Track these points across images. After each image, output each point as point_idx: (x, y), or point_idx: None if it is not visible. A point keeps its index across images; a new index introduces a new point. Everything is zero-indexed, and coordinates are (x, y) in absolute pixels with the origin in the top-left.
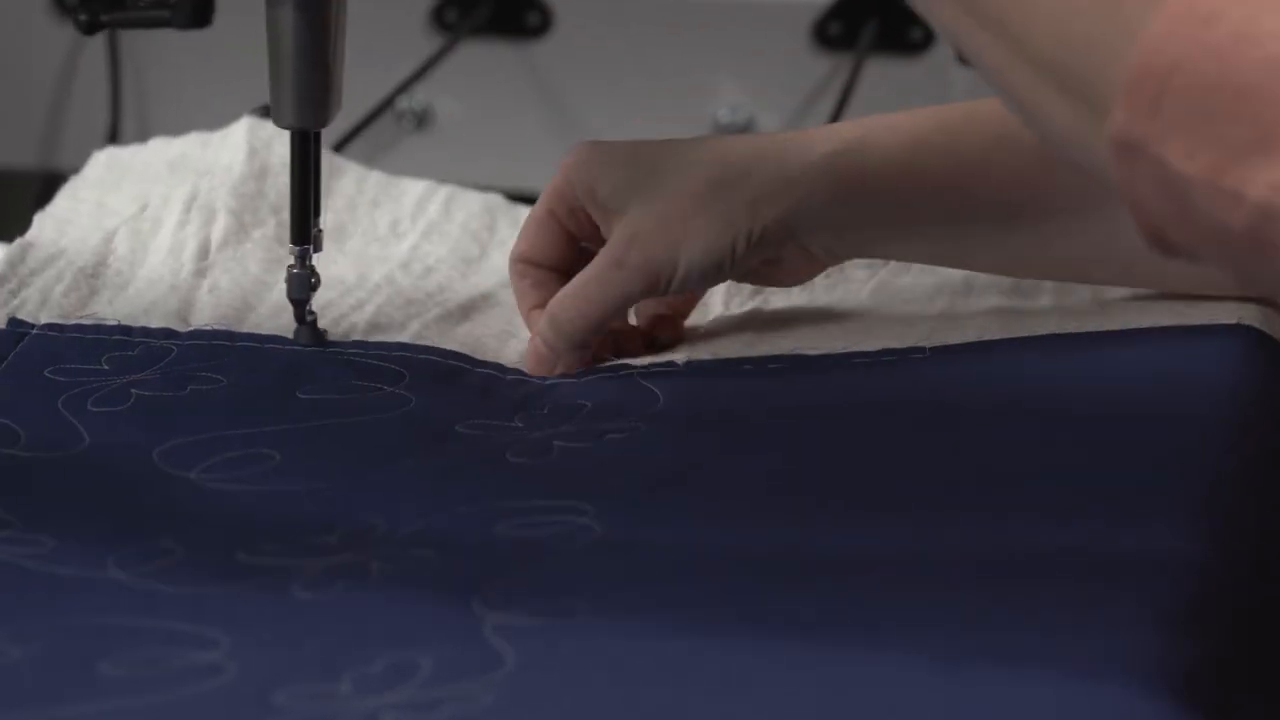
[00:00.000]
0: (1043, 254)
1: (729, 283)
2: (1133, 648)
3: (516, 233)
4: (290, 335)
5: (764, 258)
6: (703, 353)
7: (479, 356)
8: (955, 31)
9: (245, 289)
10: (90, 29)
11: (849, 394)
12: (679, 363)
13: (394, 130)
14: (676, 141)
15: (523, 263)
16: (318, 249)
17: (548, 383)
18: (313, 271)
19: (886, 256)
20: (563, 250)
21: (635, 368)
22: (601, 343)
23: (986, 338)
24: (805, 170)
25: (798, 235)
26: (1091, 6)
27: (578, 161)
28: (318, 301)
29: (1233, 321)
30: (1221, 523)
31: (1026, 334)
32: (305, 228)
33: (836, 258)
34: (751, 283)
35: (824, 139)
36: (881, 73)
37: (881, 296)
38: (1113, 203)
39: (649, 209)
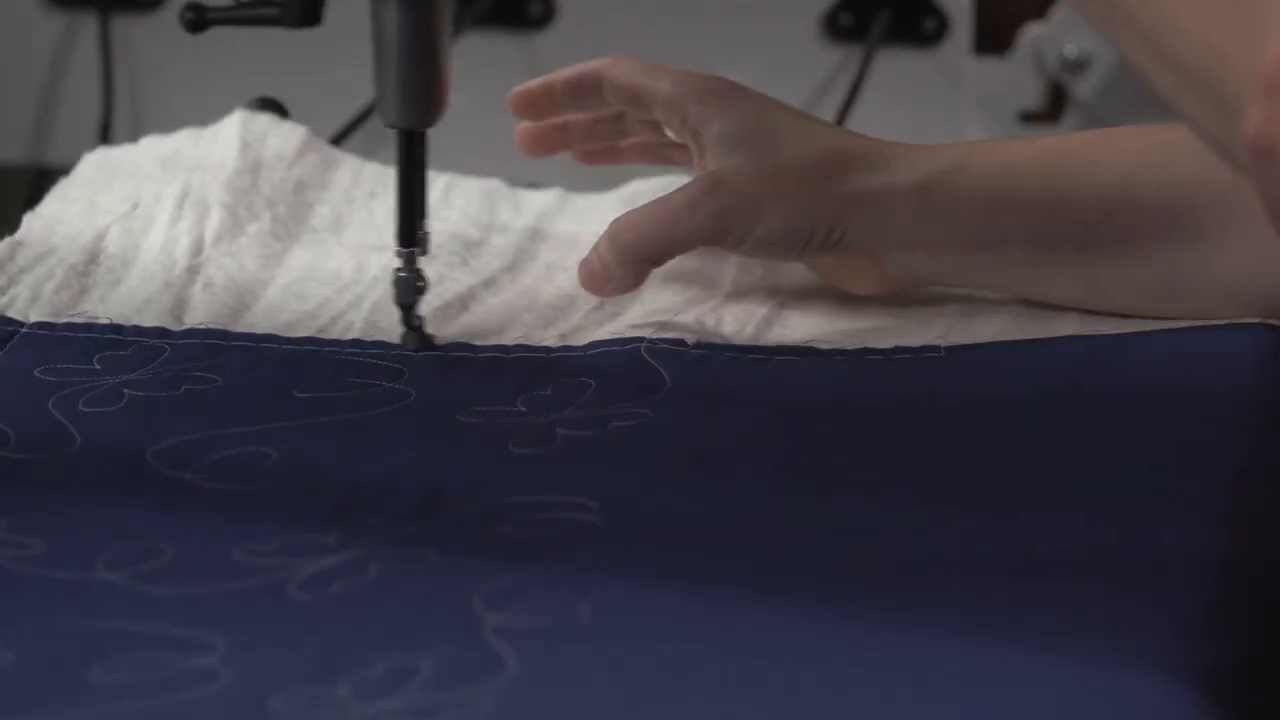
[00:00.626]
0: (1123, 284)
1: (740, 261)
2: (1156, 647)
3: (517, 216)
4: (282, 333)
5: (838, 258)
6: (711, 333)
7: (480, 343)
8: (1105, 31)
9: (240, 286)
10: (196, 27)
11: (861, 391)
12: (688, 342)
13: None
14: (799, 115)
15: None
16: (424, 252)
17: (553, 354)
18: (419, 275)
19: (962, 284)
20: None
21: (643, 341)
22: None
23: (1004, 338)
24: (895, 191)
25: (875, 248)
26: (1224, 12)
27: (704, 90)
28: (315, 298)
29: (1255, 320)
30: (1246, 521)
31: (1045, 335)
32: (411, 230)
33: (912, 279)
34: (819, 274)
35: (923, 162)
36: (893, 65)
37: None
38: (1200, 234)
39: (746, 167)
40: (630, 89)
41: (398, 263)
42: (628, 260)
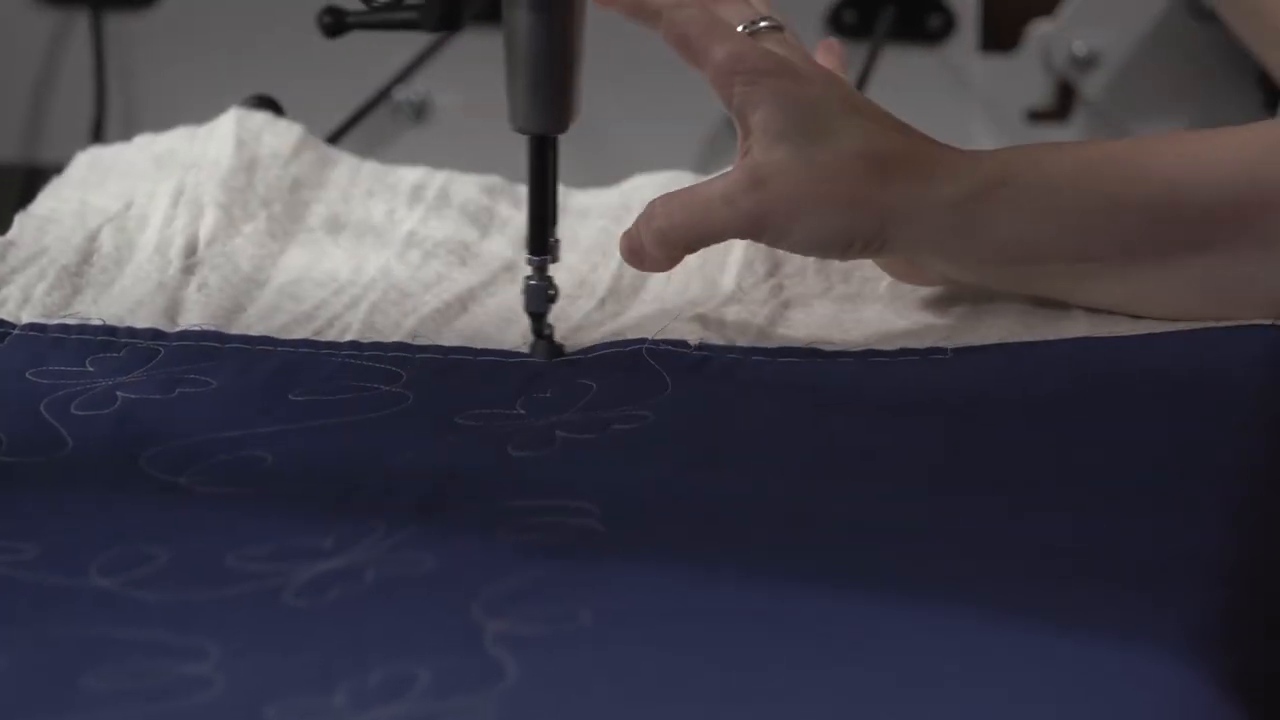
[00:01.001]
0: (1165, 289)
1: (744, 261)
2: (1164, 648)
3: (518, 213)
4: (278, 335)
5: (879, 259)
6: (714, 334)
7: (479, 345)
8: (1249, 41)
9: (236, 287)
10: (334, 31)
11: (866, 393)
12: (690, 343)
13: (391, 123)
14: (853, 105)
15: None
16: (555, 259)
17: (552, 360)
18: (551, 283)
19: (1001, 288)
20: None
21: (644, 342)
22: None
23: (1012, 339)
24: (934, 205)
25: (914, 257)
26: None
27: (756, 70)
28: (311, 299)
29: (1266, 321)
30: (1255, 521)
31: (1054, 335)
32: (543, 237)
33: (952, 283)
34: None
35: (965, 174)
36: (899, 62)
37: (901, 290)
38: (1243, 239)
39: (789, 166)
40: (684, 40)
41: (527, 270)
42: (660, 244)
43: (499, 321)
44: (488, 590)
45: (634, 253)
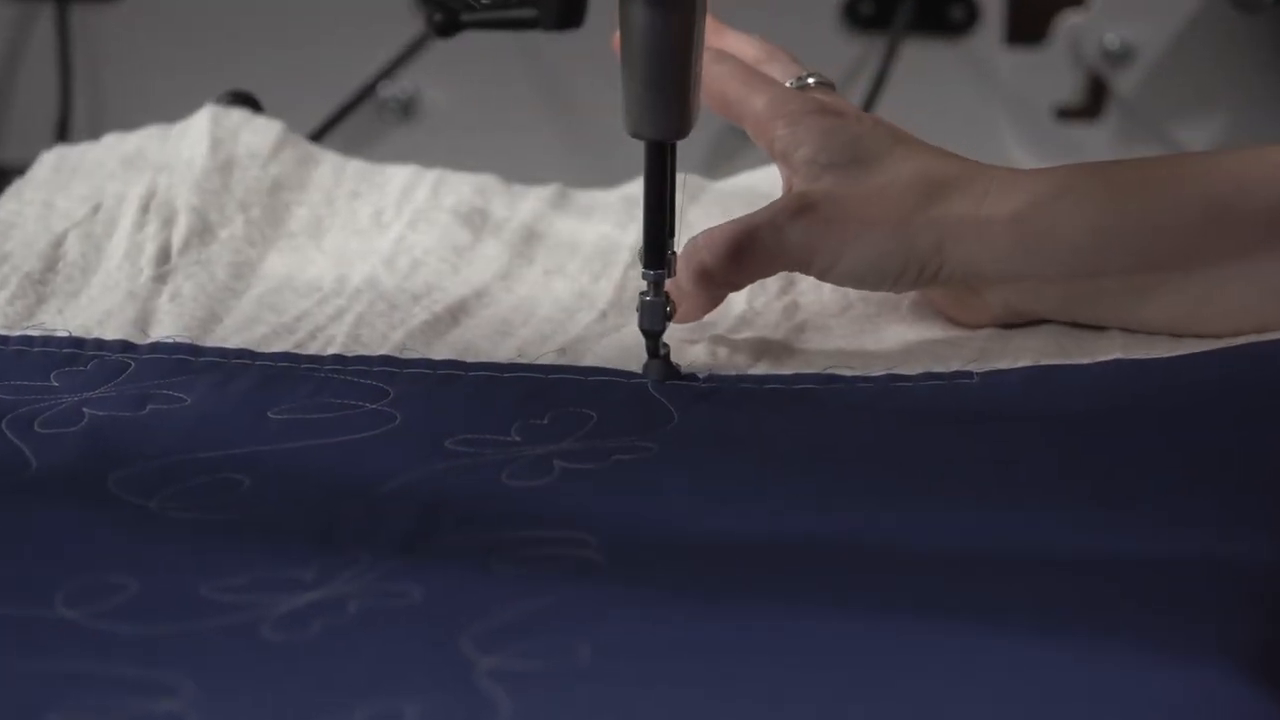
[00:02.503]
0: (1226, 299)
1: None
2: (1220, 668)
3: (512, 215)
4: (256, 349)
5: (936, 290)
6: (724, 364)
7: (471, 360)
8: None
9: (211, 296)
10: (447, 30)
11: (887, 422)
12: (699, 377)
13: (376, 121)
14: (897, 136)
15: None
16: (672, 273)
17: (550, 376)
18: (668, 299)
19: (1063, 316)
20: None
21: (650, 377)
22: None
23: (1043, 361)
24: (993, 220)
25: (972, 281)
26: None
27: (797, 112)
28: (292, 310)
29: None
30: None
31: (1087, 359)
32: (661, 250)
33: (1011, 312)
34: (923, 297)
35: (1023, 188)
36: (920, 56)
37: (924, 309)
38: None
39: (837, 190)
40: (721, 98)
41: (643, 285)
42: (703, 284)
43: (493, 334)
44: (479, 624)
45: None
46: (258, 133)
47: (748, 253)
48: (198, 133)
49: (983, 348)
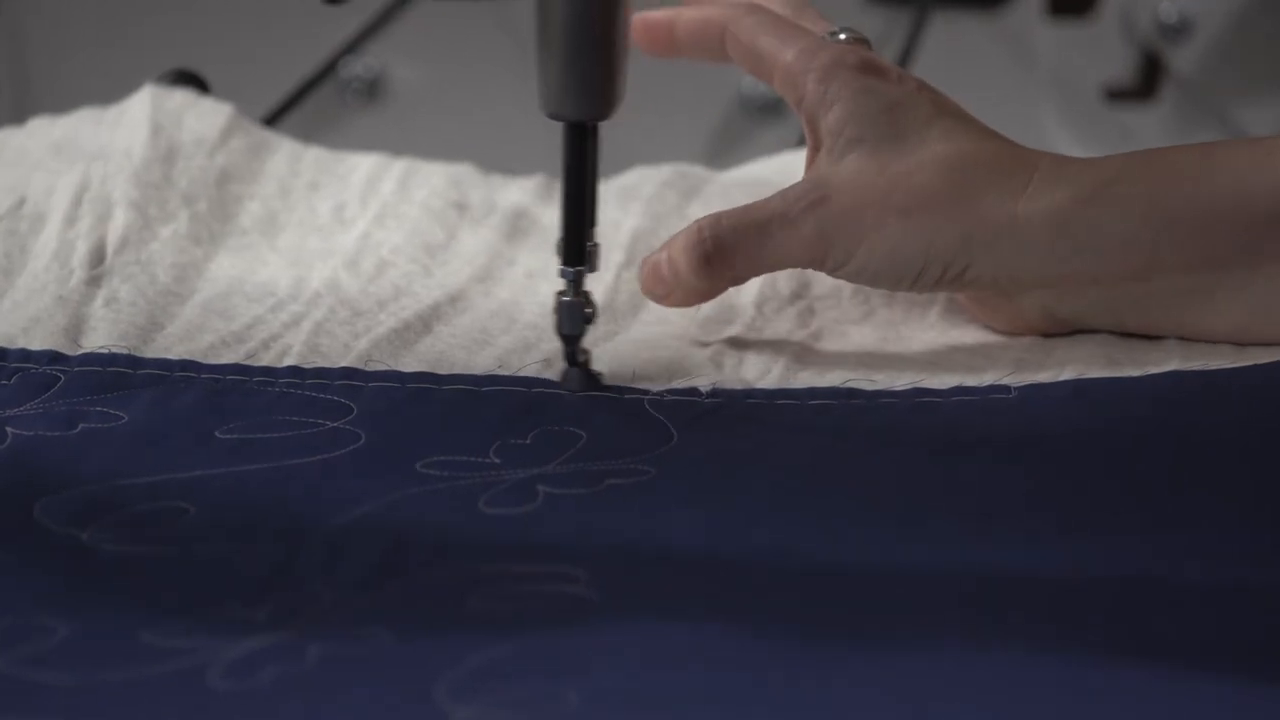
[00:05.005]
0: None
1: (763, 283)
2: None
3: (491, 209)
4: (203, 360)
5: (965, 295)
6: (730, 377)
7: (445, 373)
8: None
9: (152, 301)
10: None
11: (912, 443)
12: (702, 390)
13: (338, 102)
14: (939, 107)
15: None
16: (593, 268)
17: (534, 390)
18: (588, 300)
19: (1111, 325)
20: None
21: (647, 394)
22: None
23: (1091, 374)
24: (1032, 216)
25: (1006, 285)
26: None
27: (831, 64)
28: (243, 316)
29: None
30: None
31: (1140, 372)
32: (580, 244)
33: (1051, 320)
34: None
35: (1072, 173)
36: (950, 31)
37: (957, 316)
38: None
39: (858, 177)
40: (751, 51)
41: (560, 284)
42: (704, 272)
43: (469, 344)
44: (454, 670)
45: (661, 282)
46: (204, 117)
47: (756, 246)
48: (136, 117)
49: (1020, 358)
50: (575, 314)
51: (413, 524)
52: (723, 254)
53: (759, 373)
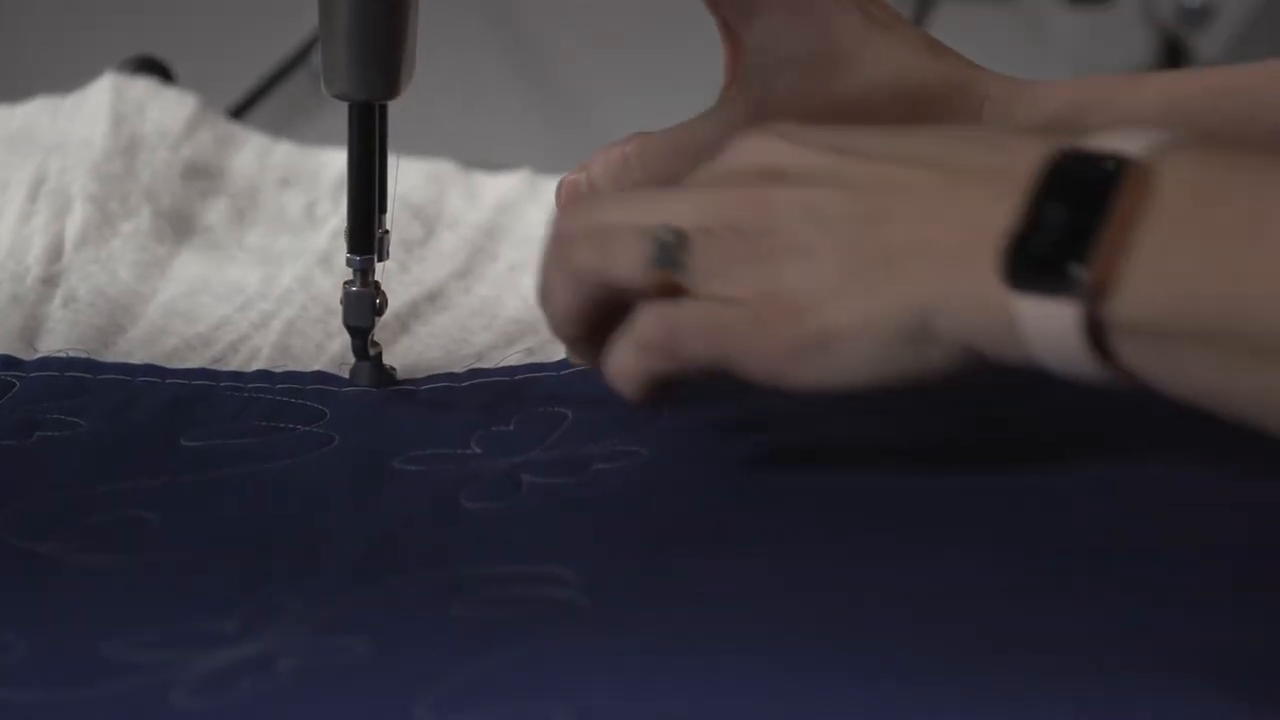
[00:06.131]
0: None
1: None
2: None
3: (470, 208)
4: (166, 364)
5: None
6: None
7: (423, 374)
8: None
9: (113, 302)
10: None
11: (920, 419)
12: None
13: (310, 91)
14: (882, 20)
15: None
16: (383, 257)
17: (517, 376)
18: (377, 289)
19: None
20: None
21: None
22: None
23: None
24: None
25: None
26: None
27: None
28: (209, 317)
29: None
30: None
31: None
32: (368, 231)
33: None
34: None
35: (1026, 107)
36: (960, 17)
37: None
38: None
39: (800, 97)
40: None
41: (347, 274)
42: None
43: (449, 342)
44: (435, 685)
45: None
46: (168, 107)
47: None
48: (96, 107)
49: None
50: (364, 304)
51: (389, 525)
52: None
53: None
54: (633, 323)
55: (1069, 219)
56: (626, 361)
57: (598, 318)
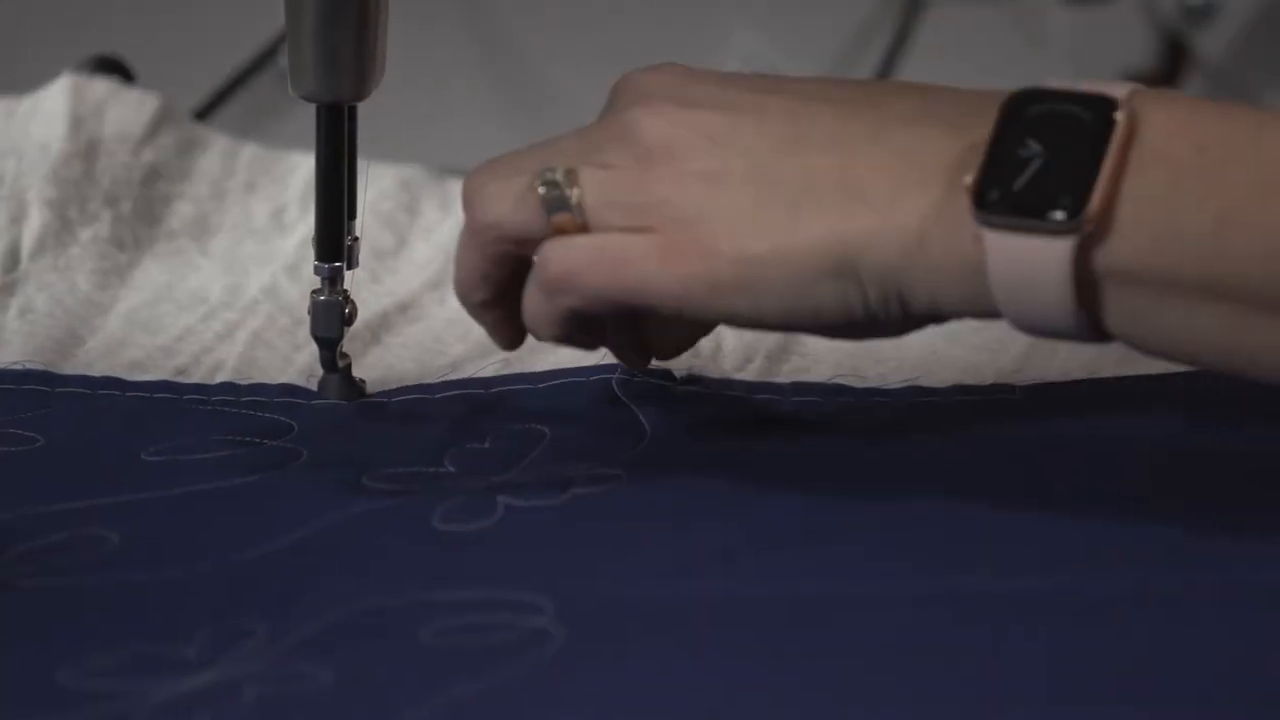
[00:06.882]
0: None
1: None
2: None
3: (444, 215)
4: (127, 376)
5: None
6: (706, 365)
7: (395, 385)
8: None
9: (71, 312)
10: None
11: (907, 445)
12: (676, 375)
13: (277, 91)
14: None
15: None
16: (352, 265)
17: (493, 390)
18: (346, 299)
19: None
20: None
21: (614, 371)
22: None
23: (1103, 372)
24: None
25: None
26: None
27: None
28: (172, 328)
29: None
30: None
31: (1159, 369)
32: (336, 238)
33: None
34: None
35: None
36: (952, 17)
37: None
38: None
39: None
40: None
41: (315, 282)
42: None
43: (421, 353)
44: (403, 715)
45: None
46: (129, 109)
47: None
48: (53, 109)
49: (1027, 352)
50: (332, 315)
51: (358, 547)
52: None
53: (738, 363)
54: (536, 262)
55: (1055, 155)
56: (533, 303)
57: (505, 280)
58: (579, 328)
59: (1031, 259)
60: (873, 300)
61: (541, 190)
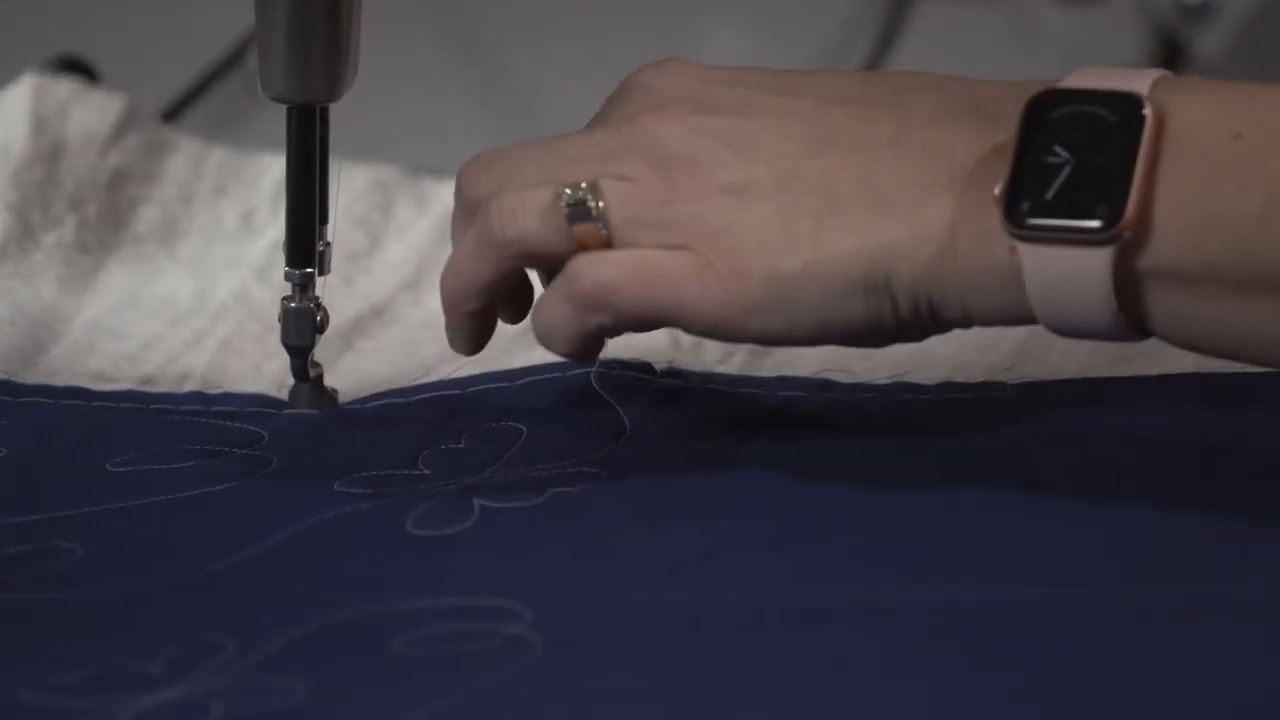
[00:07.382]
0: None
1: None
2: None
3: (420, 214)
4: (93, 385)
5: None
6: (687, 358)
7: (368, 393)
8: None
9: (33, 319)
10: None
11: (895, 443)
12: (656, 368)
13: (246, 92)
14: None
15: None
16: (324, 272)
17: (468, 390)
18: (318, 305)
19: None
20: None
21: (592, 366)
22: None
23: (1097, 372)
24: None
25: None
26: None
27: None
28: (139, 335)
29: None
30: None
31: (1154, 369)
32: (308, 243)
33: None
34: None
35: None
36: (941, 14)
37: None
38: None
39: None
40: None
41: (286, 289)
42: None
43: (397, 357)
44: None
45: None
46: (93, 110)
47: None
48: (15, 110)
49: (1020, 349)
50: (303, 322)
51: (329, 554)
52: None
53: (720, 355)
54: (564, 276)
55: (1084, 160)
56: (558, 316)
57: (505, 290)
58: (593, 343)
59: (1069, 268)
60: (904, 310)
61: (565, 207)
